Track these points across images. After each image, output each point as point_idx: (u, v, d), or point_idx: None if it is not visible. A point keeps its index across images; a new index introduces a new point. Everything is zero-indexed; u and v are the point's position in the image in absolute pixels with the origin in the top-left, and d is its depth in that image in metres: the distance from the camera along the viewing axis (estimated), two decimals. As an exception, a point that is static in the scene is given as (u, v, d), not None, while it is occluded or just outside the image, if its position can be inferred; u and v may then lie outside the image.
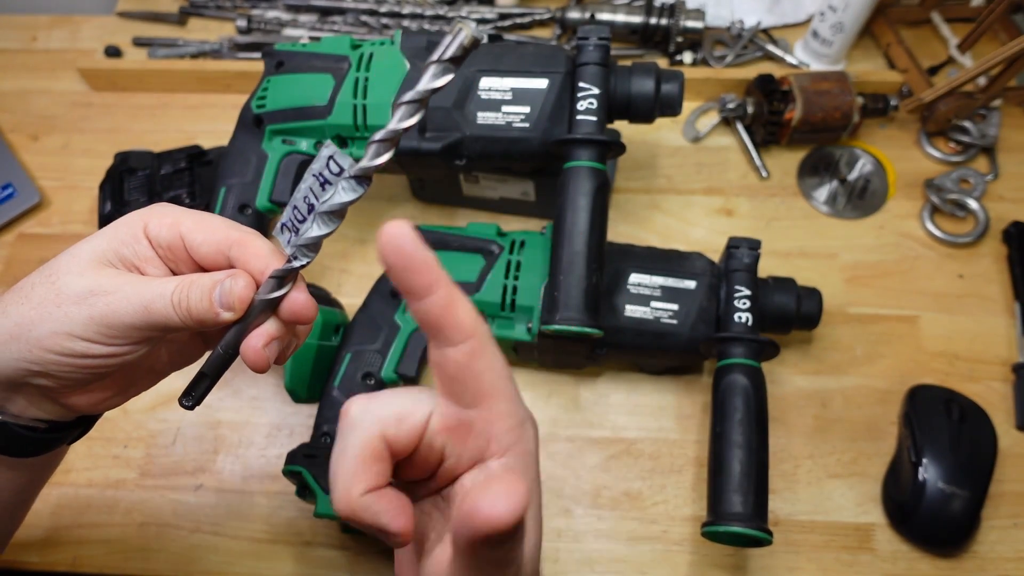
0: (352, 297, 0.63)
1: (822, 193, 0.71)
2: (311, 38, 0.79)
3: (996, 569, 0.55)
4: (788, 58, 0.77)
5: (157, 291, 0.32)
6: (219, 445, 0.61)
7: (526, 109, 0.56)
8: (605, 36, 0.55)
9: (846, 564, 0.56)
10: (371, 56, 0.58)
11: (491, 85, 0.56)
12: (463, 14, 0.79)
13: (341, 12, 0.81)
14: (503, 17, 0.79)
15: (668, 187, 0.72)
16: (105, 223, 0.65)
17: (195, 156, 0.69)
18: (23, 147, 0.77)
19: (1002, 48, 0.63)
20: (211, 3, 0.83)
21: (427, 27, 0.79)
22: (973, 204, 0.68)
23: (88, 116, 0.79)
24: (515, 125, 0.56)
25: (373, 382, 0.57)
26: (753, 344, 0.54)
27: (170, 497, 0.59)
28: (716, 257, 0.60)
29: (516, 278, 0.57)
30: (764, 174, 0.72)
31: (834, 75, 0.70)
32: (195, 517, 0.59)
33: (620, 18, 0.77)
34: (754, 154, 0.72)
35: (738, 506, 0.50)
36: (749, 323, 0.55)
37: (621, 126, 0.61)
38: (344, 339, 0.58)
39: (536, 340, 0.56)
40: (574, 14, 0.77)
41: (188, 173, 0.68)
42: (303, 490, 0.53)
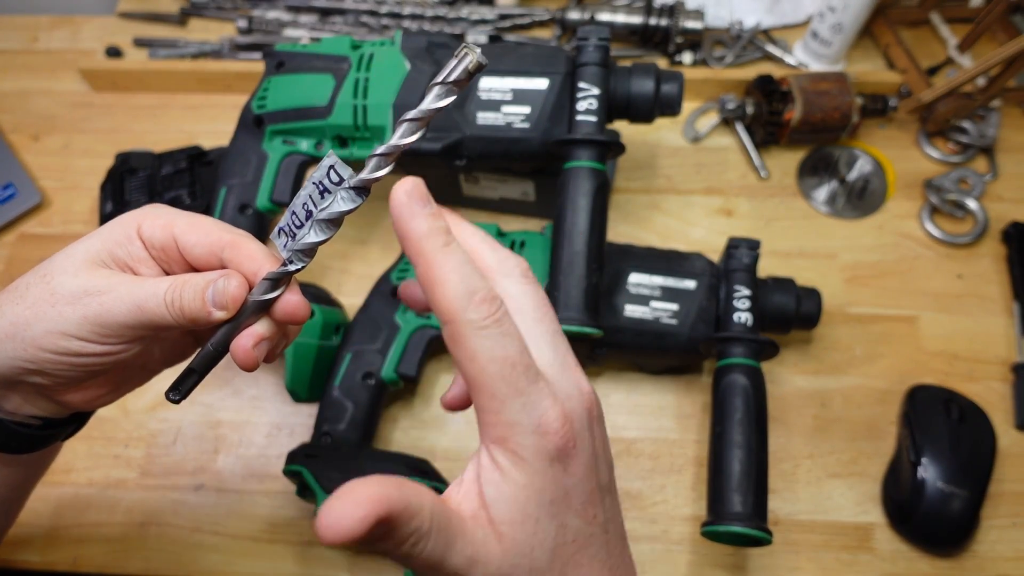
0: (352, 297, 0.64)
1: (821, 193, 0.71)
2: (311, 38, 0.79)
3: (995, 569, 0.55)
4: (787, 58, 0.77)
5: (150, 291, 0.32)
6: (219, 445, 0.61)
7: (526, 109, 0.56)
8: (605, 37, 0.55)
9: (846, 564, 0.56)
10: (371, 57, 0.58)
11: (491, 85, 0.56)
12: (463, 14, 0.79)
13: (341, 13, 0.81)
14: (503, 18, 0.79)
15: (668, 187, 0.72)
16: (106, 223, 0.66)
17: (195, 156, 0.69)
18: (24, 147, 0.77)
19: (1001, 48, 0.63)
20: (212, 3, 0.83)
21: (427, 28, 0.80)
22: (972, 204, 0.68)
23: (89, 116, 0.79)
24: (515, 125, 0.56)
25: (373, 382, 0.57)
26: (753, 344, 0.54)
27: (171, 497, 0.59)
28: (716, 257, 0.60)
29: (516, 278, 0.57)
30: (764, 174, 0.72)
31: (833, 75, 0.70)
32: (195, 517, 0.59)
33: (620, 19, 0.77)
34: (754, 154, 0.72)
35: (738, 506, 0.50)
36: (749, 323, 0.55)
37: (621, 126, 0.62)
38: (344, 339, 0.58)
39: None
40: (574, 15, 0.77)
41: (188, 173, 0.68)
42: (303, 490, 0.53)
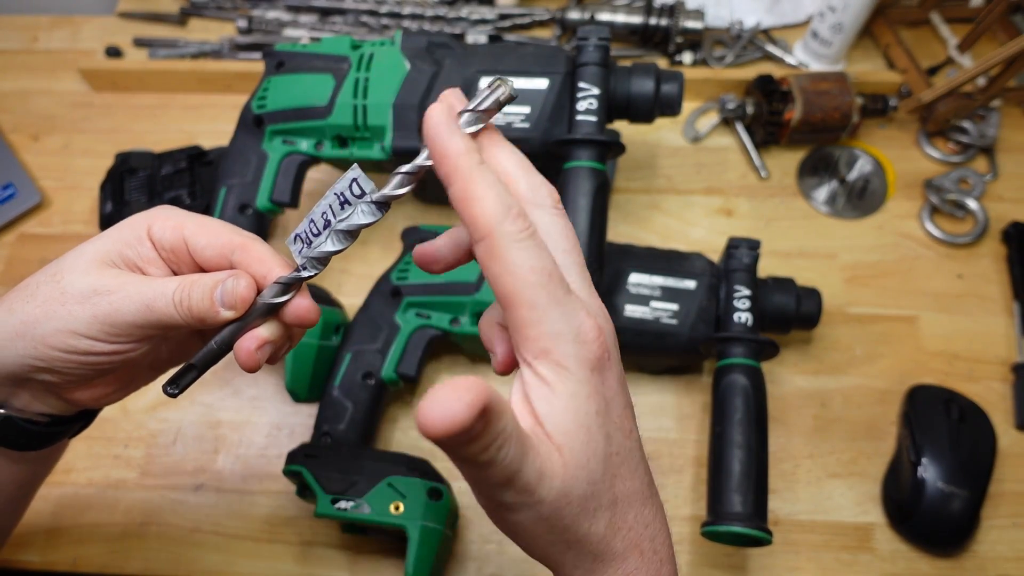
0: (352, 297, 0.64)
1: (821, 193, 0.71)
2: (311, 38, 0.79)
3: (995, 569, 0.55)
4: (788, 58, 0.77)
5: (159, 290, 0.33)
6: (219, 445, 0.61)
7: (526, 109, 0.56)
8: (605, 36, 0.55)
9: (846, 564, 0.56)
10: (371, 56, 0.58)
11: (491, 85, 0.56)
12: (463, 14, 0.79)
13: (341, 12, 0.81)
14: (503, 17, 0.79)
15: (668, 187, 0.72)
16: (106, 223, 0.67)
17: (195, 156, 0.69)
18: (24, 147, 0.77)
19: (1001, 48, 0.63)
20: (212, 3, 0.83)
21: (427, 28, 0.80)
22: (972, 204, 0.68)
23: (89, 116, 0.79)
24: (515, 125, 0.56)
25: (373, 382, 0.57)
26: (753, 344, 0.54)
27: (170, 497, 0.59)
28: (716, 257, 0.60)
29: (516, 278, 0.57)
30: (764, 174, 0.72)
31: (833, 75, 0.70)
32: (195, 517, 0.59)
33: (620, 19, 0.77)
34: (754, 154, 0.72)
35: (738, 506, 0.50)
36: (749, 323, 0.55)
37: (621, 126, 0.62)
38: (344, 339, 0.58)
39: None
40: (574, 15, 0.77)
41: (188, 173, 0.68)
42: (303, 490, 0.53)
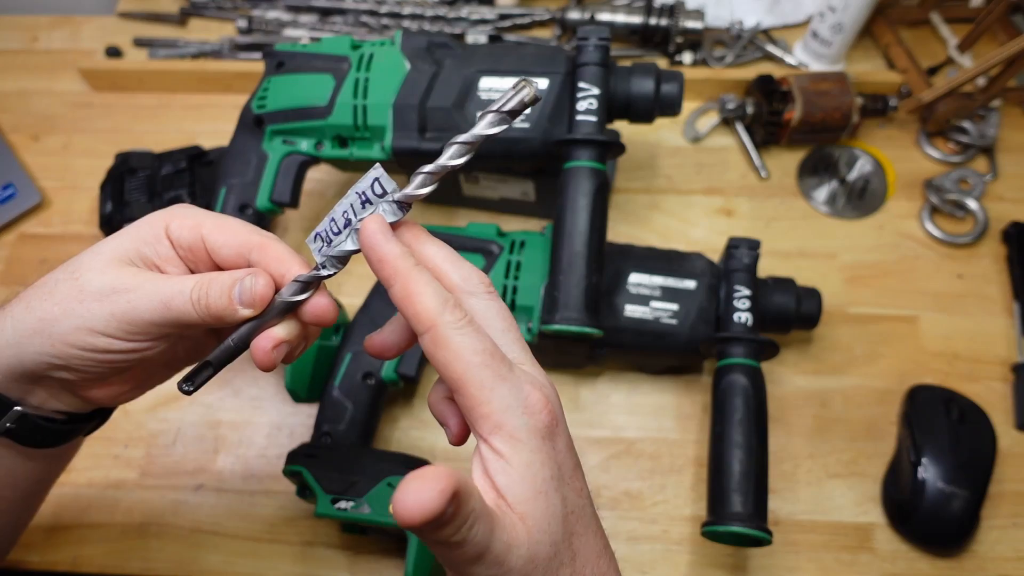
0: (352, 297, 0.64)
1: (822, 193, 0.71)
2: (311, 38, 0.79)
3: (996, 569, 0.55)
4: (788, 58, 0.77)
5: (176, 288, 0.33)
6: (219, 445, 0.61)
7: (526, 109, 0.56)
8: (605, 36, 0.55)
9: (846, 564, 0.56)
10: (371, 56, 0.58)
11: (491, 85, 0.56)
12: (463, 14, 0.79)
13: (341, 12, 0.81)
14: (503, 17, 0.79)
15: (668, 187, 0.72)
16: (106, 223, 0.66)
17: (195, 156, 0.69)
18: (24, 147, 0.77)
19: (1001, 48, 0.63)
20: (212, 3, 0.83)
21: (427, 28, 0.80)
22: (972, 204, 0.68)
23: (89, 116, 0.79)
24: (515, 125, 0.56)
25: (373, 382, 0.57)
26: (753, 344, 0.54)
27: (170, 497, 0.59)
28: (716, 257, 0.60)
29: (516, 278, 0.57)
30: (764, 174, 0.72)
31: (834, 75, 0.70)
32: (195, 517, 0.59)
33: (620, 19, 0.77)
34: (754, 154, 0.72)
35: (738, 506, 0.50)
36: (749, 323, 0.55)
37: (621, 126, 0.61)
38: (344, 339, 0.58)
39: (536, 340, 0.56)
40: (574, 15, 0.77)
41: (188, 173, 0.68)
42: (303, 490, 0.53)
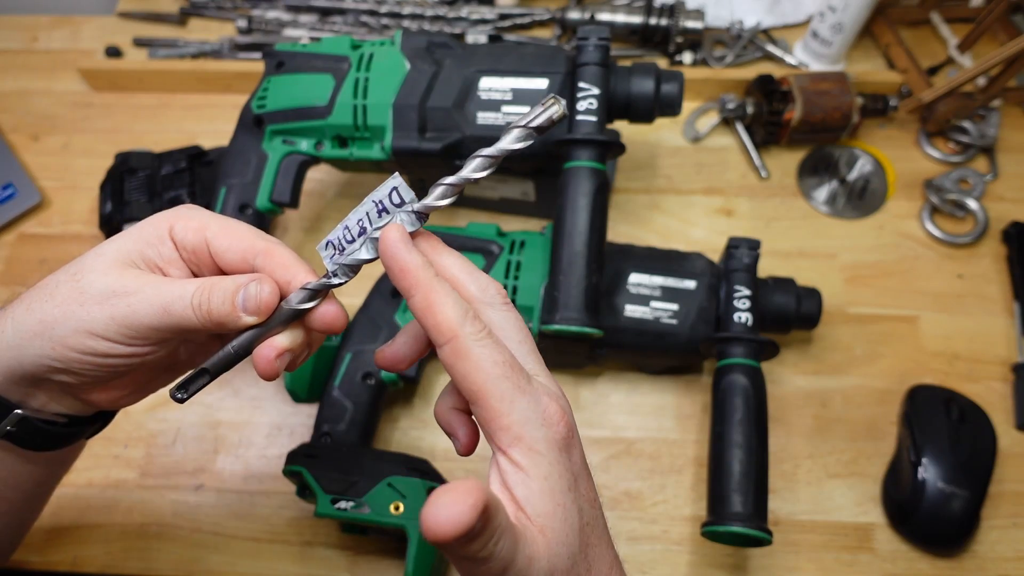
0: (352, 297, 0.63)
1: (822, 193, 0.71)
2: (311, 38, 0.79)
3: (996, 569, 0.55)
4: (788, 58, 0.77)
5: (177, 292, 0.32)
6: (219, 445, 0.61)
7: (526, 109, 0.55)
8: (605, 36, 0.55)
9: (846, 564, 0.56)
10: (371, 56, 0.58)
11: (491, 85, 0.56)
12: (463, 14, 0.79)
13: (341, 12, 0.81)
14: (503, 17, 0.79)
15: (668, 187, 0.72)
16: (105, 223, 0.66)
17: (195, 156, 0.69)
18: (24, 147, 0.77)
19: (1001, 48, 0.63)
20: (211, 3, 0.83)
21: (427, 28, 0.80)
22: (972, 204, 0.68)
23: (88, 116, 0.79)
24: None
25: (373, 382, 0.57)
26: (753, 344, 0.54)
27: (170, 497, 0.59)
28: (716, 257, 0.60)
29: (516, 278, 0.57)
30: (764, 174, 0.72)
31: (834, 75, 0.70)
32: (195, 517, 0.59)
33: (620, 18, 0.77)
34: (754, 154, 0.72)
35: (738, 506, 0.50)
36: (749, 323, 0.55)
37: (621, 126, 0.61)
38: (344, 339, 0.58)
39: (536, 340, 0.56)
40: (574, 14, 0.77)
41: (188, 173, 0.68)
42: (303, 490, 0.53)
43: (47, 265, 0.70)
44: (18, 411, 0.35)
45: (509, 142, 0.29)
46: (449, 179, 0.29)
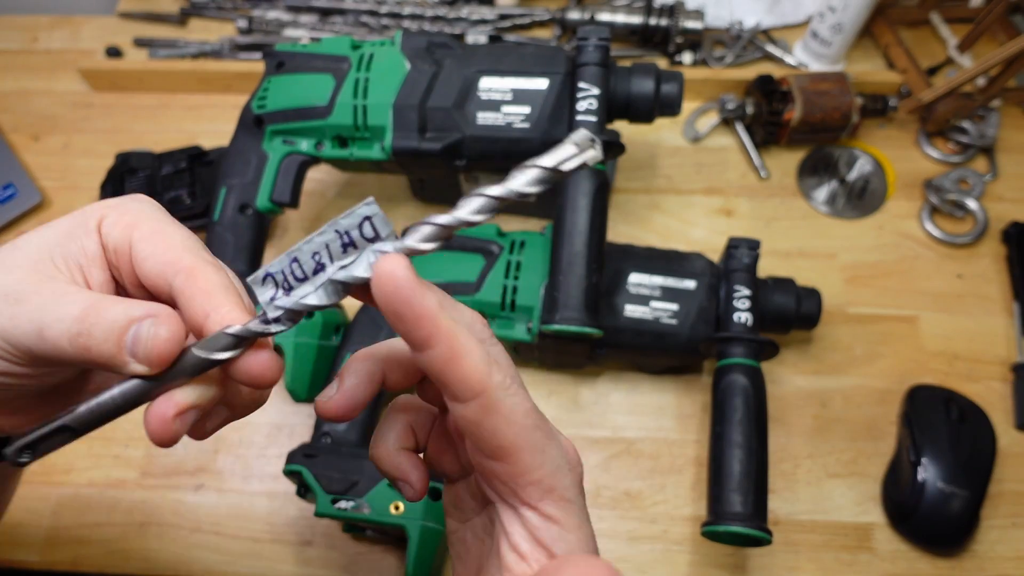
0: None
1: (821, 193, 0.71)
2: (311, 38, 0.79)
3: (995, 568, 0.55)
4: (787, 58, 0.77)
5: (58, 313, 0.25)
6: (219, 445, 0.61)
7: (526, 109, 0.56)
8: (605, 37, 0.55)
9: (846, 564, 0.56)
10: (371, 57, 0.58)
11: (491, 85, 0.56)
12: (463, 14, 0.79)
13: (341, 13, 0.81)
14: (503, 17, 0.79)
15: (668, 187, 0.72)
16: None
17: (195, 156, 0.69)
18: (24, 147, 0.77)
19: (1001, 48, 0.63)
20: (212, 3, 0.83)
21: (427, 28, 0.80)
22: (972, 204, 0.68)
23: (89, 116, 0.79)
24: (515, 125, 0.56)
25: (373, 382, 0.57)
26: (753, 344, 0.54)
27: (171, 497, 0.59)
28: (716, 257, 0.60)
29: (516, 278, 0.57)
30: (764, 174, 0.72)
31: (833, 75, 0.70)
32: (195, 517, 0.59)
33: (620, 19, 0.77)
34: (754, 154, 0.72)
35: (738, 506, 0.50)
36: (749, 323, 0.55)
37: (621, 126, 0.62)
38: (344, 339, 0.58)
39: (536, 340, 0.57)
40: (574, 15, 0.77)
41: (188, 173, 0.68)
42: (303, 490, 0.53)
43: (47, 265, 0.70)
44: None
45: (523, 183, 0.23)
46: (440, 218, 0.23)
